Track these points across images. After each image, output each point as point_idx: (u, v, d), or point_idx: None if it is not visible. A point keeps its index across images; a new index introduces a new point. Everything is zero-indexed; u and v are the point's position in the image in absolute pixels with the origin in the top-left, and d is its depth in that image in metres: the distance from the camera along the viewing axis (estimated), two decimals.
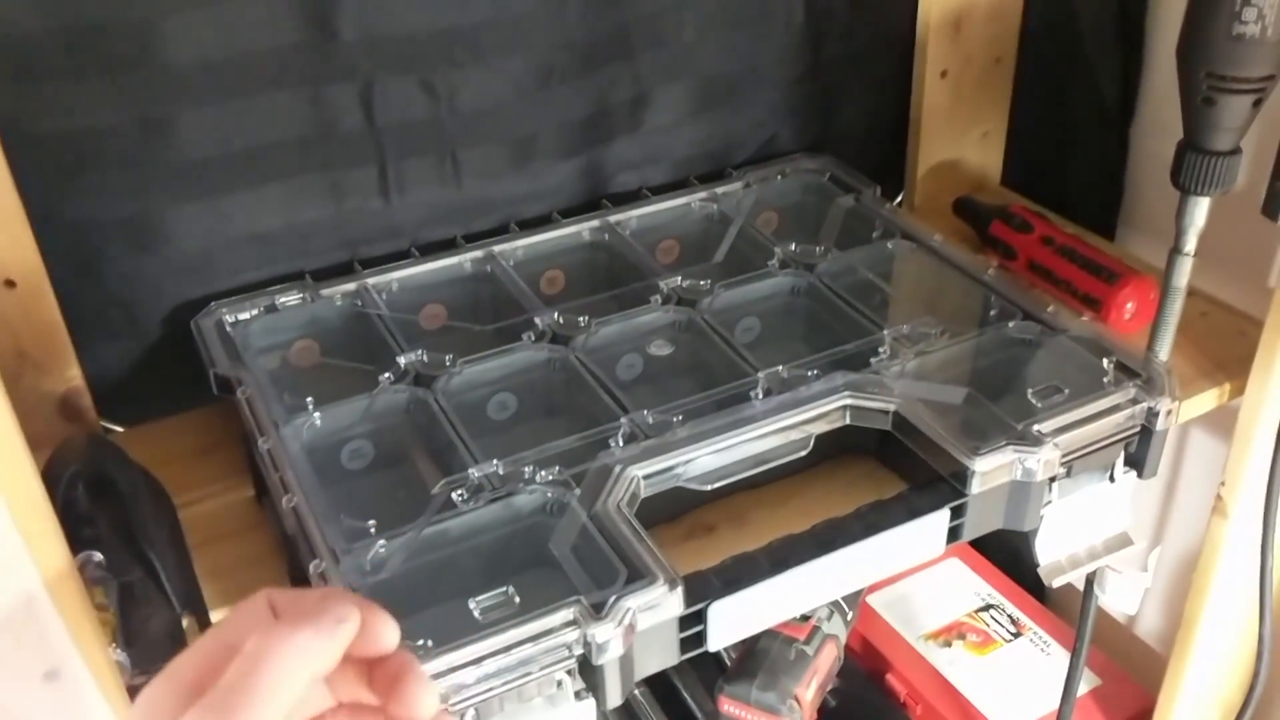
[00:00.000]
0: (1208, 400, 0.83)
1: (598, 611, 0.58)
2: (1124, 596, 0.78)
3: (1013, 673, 1.15)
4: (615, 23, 0.88)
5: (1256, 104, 0.67)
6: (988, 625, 1.20)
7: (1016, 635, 1.19)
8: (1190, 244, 0.73)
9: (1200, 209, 0.71)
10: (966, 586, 1.23)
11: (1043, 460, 0.68)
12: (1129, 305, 0.86)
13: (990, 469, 0.67)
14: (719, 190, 0.97)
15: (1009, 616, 1.21)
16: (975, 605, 1.22)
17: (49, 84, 0.73)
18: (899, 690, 1.15)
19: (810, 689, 0.89)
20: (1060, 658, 1.15)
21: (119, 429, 0.85)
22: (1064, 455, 0.69)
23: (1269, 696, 0.93)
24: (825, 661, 0.91)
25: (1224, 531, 0.87)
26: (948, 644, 1.18)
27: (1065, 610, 1.20)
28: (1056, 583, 0.73)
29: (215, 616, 0.68)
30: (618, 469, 0.67)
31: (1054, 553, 0.72)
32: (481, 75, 0.84)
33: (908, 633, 1.19)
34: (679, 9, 0.90)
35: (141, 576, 0.69)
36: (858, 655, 1.18)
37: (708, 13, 0.92)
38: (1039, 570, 0.73)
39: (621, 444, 0.70)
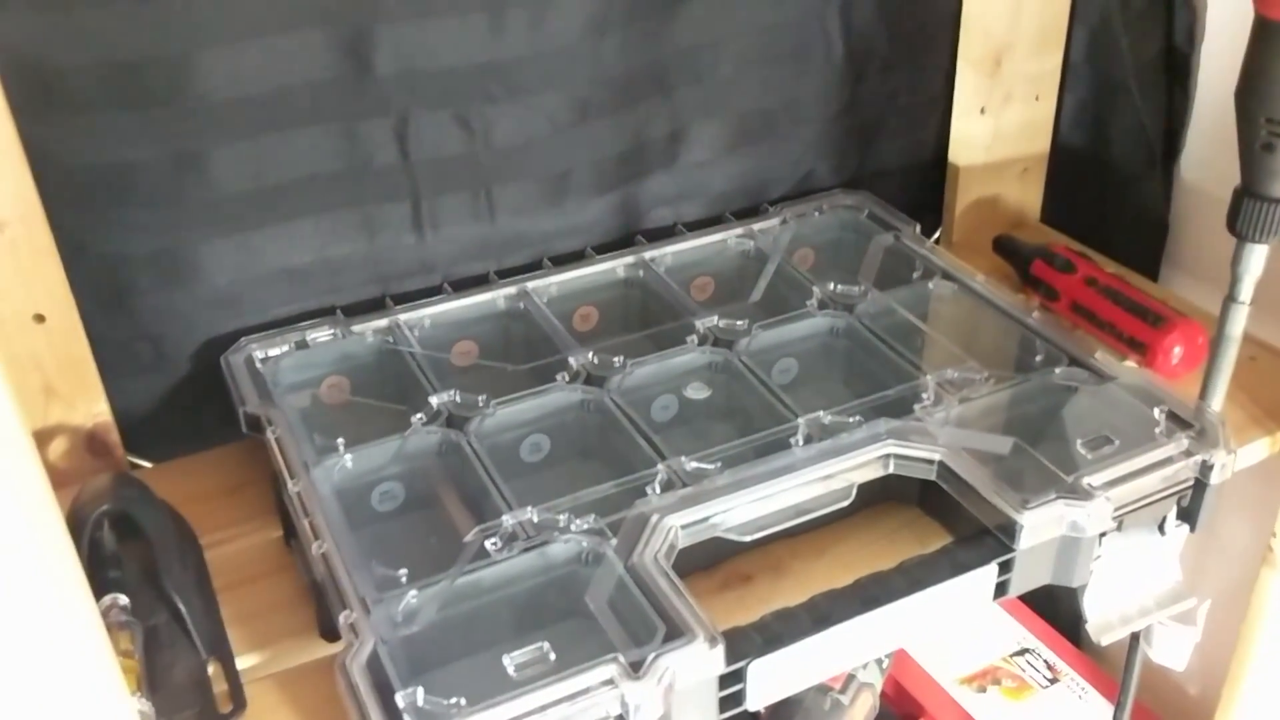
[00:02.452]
0: (1259, 449, 0.81)
1: (635, 670, 0.56)
2: (1172, 652, 0.76)
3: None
4: (652, 58, 0.87)
5: None
6: (1023, 670, 1.17)
7: (1053, 681, 1.16)
8: (1246, 292, 0.71)
9: (1257, 257, 0.69)
10: (1001, 630, 1.21)
11: (1094, 515, 0.66)
12: (1176, 350, 0.84)
13: (1039, 523, 0.65)
14: (755, 227, 0.95)
15: (1045, 661, 1.18)
16: (1010, 649, 1.20)
17: (83, 118, 0.72)
18: None
19: None
20: (1097, 705, 1.13)
21: (147, 464, 0.84)
22: (1116, 509, 0.67)
23: None
24: (860, 711, 0.89)
25: (1274, 583, 0.85)
26: (982, 689, 1.15)
27: (1102, 655, 1.17)
28: (1106, 640, 0.70)
29: (241, 663, 0.66)
30: (655, 518, 0.65)
31: (1103, 610, 0.70)
32: (517, 111, 0.83)
33: (941, 677, 1.16)
34: (717, 45, 0.89)
35: (167, 620, 0.68)
36: (890, 699, 1.16)
37: (746, 48, 0.90)
38: (1087, 627, 0.70)
39: (659, 491, 0.68)
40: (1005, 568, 0.66)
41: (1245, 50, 0.64)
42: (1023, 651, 1.19)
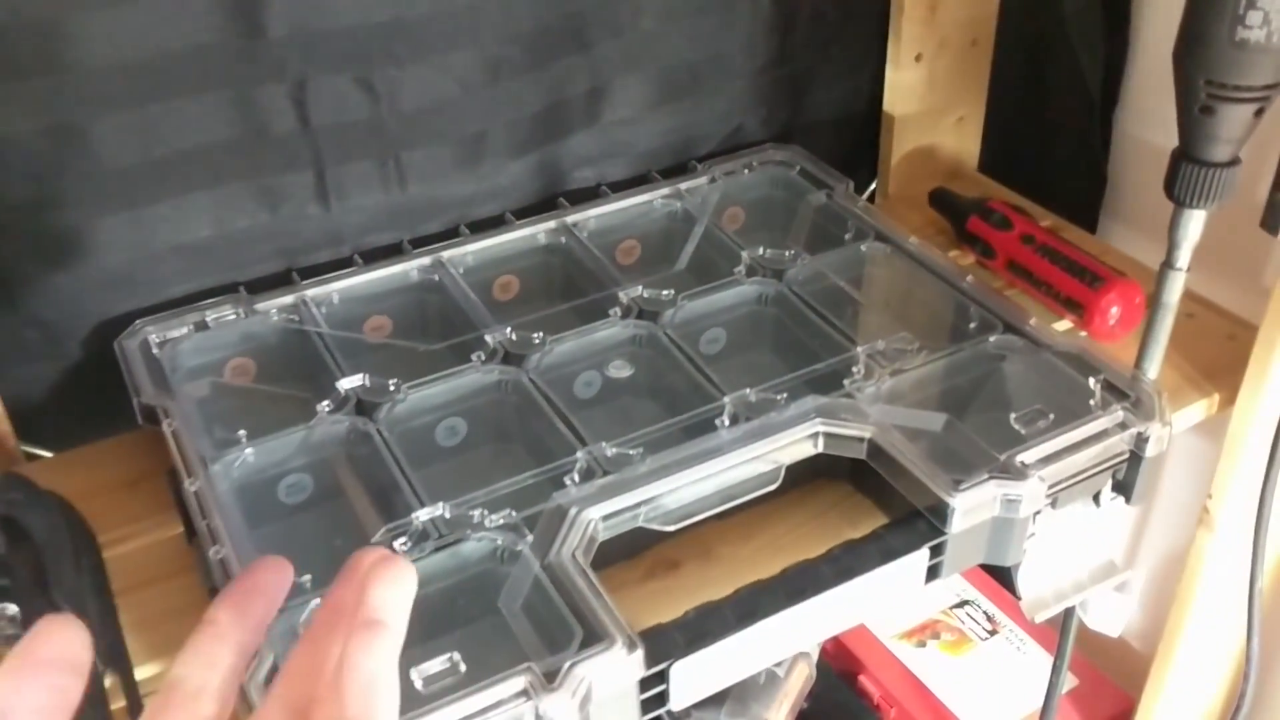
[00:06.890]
0: (1196, 412, 0.79)
1: (550, 680, 0.53)
2: (1107, 620, 0.75)
3: (988, 673, 1.12)
4: (568, 11, 0.82)
5: (1258, 113, 0.62)
6: (962, 623, 1.17)
7: (992, 633, 1.16)
8: (1183, 259, 0.68)
9: (1195, 222, 0.67)
10: (943, 581, 1.20)
11: (1027, 495, 0.63)
12: (1113, 311, 0.82)
13: (972, 505, 0.63)
14: (682, 186, 0.91)
15: (984, 613, 1.18)
16: (950, 601, 1.19)
17: None
18: (872, 693, 1.12)
19: (781, 712, 0.85)
20: (1037, 656, 1.13)
21: (46, 454, 0.79)
22: (1050, 487, 0.65)
23: (1255, 714, 0.90)
24: (796, 682, 0.88)
25: (1209, 545, 0.84)
26: (922, 644, 1.15)
27: None
28: (1040, 619, 0.69)
29: (141, 673, 0.63)
30: (573, 511, 0.62)
31: (1037, 587, 0.68)
32: (425, 71, 0.78)
33: (880, 632, 1.16)
34: None
35: None
36: (829, 656, 1.15)
37: None
38: (1021, 605, 0.69)
39: (578, 480, 0.65)
40: (937, 551, 0.64)
41: (1183, 8, 0.61)
42: (963, 603, 1.19)
